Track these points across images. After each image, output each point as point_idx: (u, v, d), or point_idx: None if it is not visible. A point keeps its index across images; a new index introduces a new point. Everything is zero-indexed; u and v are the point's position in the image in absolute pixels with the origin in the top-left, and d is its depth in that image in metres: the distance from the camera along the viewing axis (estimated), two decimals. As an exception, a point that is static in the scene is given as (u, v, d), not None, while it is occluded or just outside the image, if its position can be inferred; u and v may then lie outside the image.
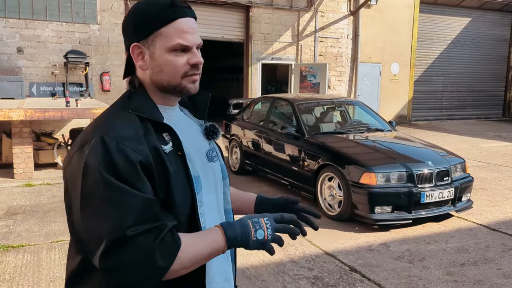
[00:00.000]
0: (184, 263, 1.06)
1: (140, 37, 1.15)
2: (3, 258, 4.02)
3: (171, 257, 1.03)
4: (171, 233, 1.05)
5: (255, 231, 1.12)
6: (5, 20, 9.54)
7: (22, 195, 6.11)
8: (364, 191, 4.84)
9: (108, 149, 1.03)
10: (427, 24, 15.65)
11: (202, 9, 11.85)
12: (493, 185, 6.97)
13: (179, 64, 1.15)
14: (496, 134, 12.98)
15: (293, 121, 6.47)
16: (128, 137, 1.07)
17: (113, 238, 0.98)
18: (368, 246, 4.48)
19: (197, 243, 1.09)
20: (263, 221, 1.14)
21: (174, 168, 1.12)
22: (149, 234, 1.01)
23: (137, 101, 1.17)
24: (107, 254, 0.99)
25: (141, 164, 1.05)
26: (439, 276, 3.81)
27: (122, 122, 1.11)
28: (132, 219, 1.00)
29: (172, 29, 1.13)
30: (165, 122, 1.16)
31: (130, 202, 1.01)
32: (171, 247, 1.03)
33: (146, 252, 1.00)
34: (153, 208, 1.04)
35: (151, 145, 1.09)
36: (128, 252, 0.99)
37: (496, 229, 4.96)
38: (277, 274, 3.80)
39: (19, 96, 8.70)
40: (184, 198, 1.13)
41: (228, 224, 1.13)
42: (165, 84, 1.17)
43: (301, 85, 12.39)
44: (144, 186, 1.04)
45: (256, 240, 1.12)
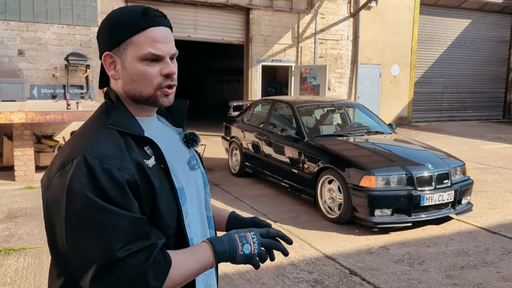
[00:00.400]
0: (175, 281, 1.05)
1: (111, 45, 1.13)
2: (4, 261, 4.04)
3: (163, 276, 1.02)
4: (161, 252, 1.04)
5: (242, 246, 1.13)
6: (6, 23, 9.57)
7: (23, 198, 6.13)
8: (364, 194, 4.85)
9: (93, 170, 1.00)
10: (427, 25, 15.67)
11: (202, 12, 11.88)
12: (493, 187, 6.98)
13: (151, 74, 1.11)
14: (496, 136, 12.99)
15: (293, 124, 6.48)
16: (112, 156, 1.03)
17: (103, 261, 0.97)
18: (368, 249, 4.49)
19: (187, 260, 1.08)
20: (250, 236, 1.15)
21: (159, 183, 1.10)
22: (140, 255, 0.99)
23: (115, 115, 1.12)
24: (98, 278, 0.97)
25: (128, 183, 1.02)
26: (438, 279, 3.82)
27: (103, 139, 1.07)
28: (121, 241, 0.98)
29: (143, 37, 1.10)
30: (145, 135, 1.13)
31: (118, 223, 0.99)
32: (163, 267, 1.02)
33: (138, 273, 0.98)
34: (142, 227, 1.02)
35: (134, 161, 1.06)
36: (120, 274, 0.98)
37: (496, 232, 4.97)
38: (277, 277, 3.81)
39: (20, 99, 8.72)
40: (170, 212, 1.12)
41: (216, 239, 1.13)
42: (137, 94, 1.13)
43: (301, 87, 12.41)
44: (132, 205, 1.02)
45: (243, 254, 1.13)
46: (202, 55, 18.61)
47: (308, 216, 5.50)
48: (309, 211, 5.67)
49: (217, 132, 8.69)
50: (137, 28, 1.10)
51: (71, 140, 1.14)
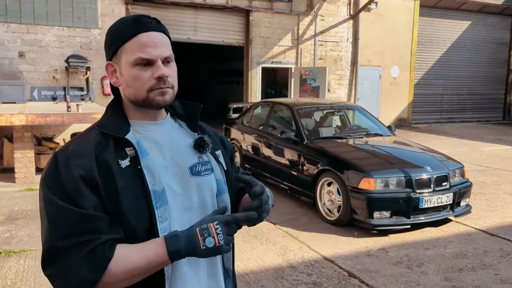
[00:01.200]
0: (117, 275, 1.05)
1: (111, 55, 1.21)
2: (4, 263, 4.06)
3: (99, 270, 1.04)
4: (103, 246, 1.05)
5: (203, 240, 1.06)
6: (6, 25, 9.60)
7: (23, 200, 6.15)
8: (363, 196, 4.87)
9: (56, 166, 1.11)
10: (427, 27, 15.70)
11: (202, 14, 11.91)
12: (492, 189, 7.00)
13: (144, 78, 1.16)
14: (496, 138, 13.00)
15: (292, 126, 6.50)
16: (77, 153, 1.12)
17: (45, 249, 1.06)
18: (367, 251, 4.51)
19: (134, 256, 1.07)
20: (213, 227, 1.07)
21: (126, 182, 1.12)
22: (78, 247, 1.04)
23: (104, 118, 1.23)
24: (43, 263, 1.07)
25: (82, 178, 1.08)
26: (437, 281, 3.84)
27: (80, 139, 1.18)
28: (63, 233, 1.05)
29: (133, 44, 1.16)
30: (129, 137, 1.16)
31: (62, 217, 1.06)
32: (100, 260, 1.04)
33: (72, 265, 1.03)
34: (87, 223, 1.06)
35: (101, 160, 1.12)
36: (58, 263, 1.04)
37: (494, 234, 4.99)
38: (276, 279, 3.83)
39: (20, 101, 8.75)
40: (137, 213, 1.11)
41: (172, 236, 1.08)
42: (133, 98, 1.19)
43: (301, 88, 12.43)
44: (84, 200, 1.07)
45: (206, 248, 1.07)
46: (202, 57, 18.65)
47: (307, 218, 5.52)
48: (308, 213, 5.69)
49: (217, 134, 8.70)
50: (127, 36, 1.17)
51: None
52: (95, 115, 6.99)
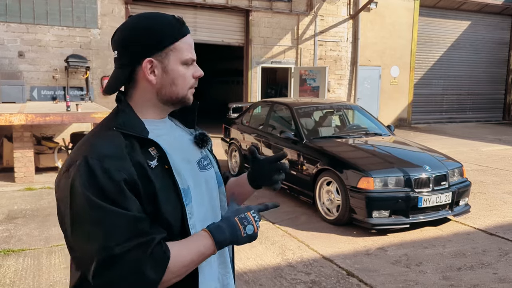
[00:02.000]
0: (174, 272, 1.08)
1: (153, 51, 1.18)
2: (3, 262, 4.06)
3: (161, 269, 1.05)
4: (160, 246, 1.07)
5: (244, 228, 1.16)
6: (6, 25, 9.61)
7: (23, 199, 6.16)
8: (362, 195, 4.87)
9: (92, 170, 1.05)
10: (427, 27, 15.70)
11: (202, 14, 11.92)
12: (491, 189, 7.00)
13: (188, 77, 1.23)
14: (496, 138, 13.00)
15: (292, 126, 6.51)
16: (111, 156, 1.08)
17: (102, 257, 1.01)
18: (365, 250, 4.51)
19: (186, 251, 1.11)
20: (250, 216, 1.18)
21: (161, 183, 1.13)
22: (137, 250, 1.03)
23: (121, 118, 1.18)
24: (98, 273, 1.02)
25: (125, 182, 1.06)
26: (435, 280, 3.84)
27: (105, 140, 1.13)
28: (118, 238, 1.02)
29: (183, 44, 1.20)
30: (150, 137, 1.17)
31: (115, 221, 1.03)
32: (161, 260, 1.05)
33: (135, 268, 1.02)
34: (139, 225, 1.06)
35: (135, 161, 1.10)
36: (117, 269, 1.02)
37: (493, 234, 4.99)
38: (274, 278, 3.83)
39: (20, 100, 8.76)
40: (173, 211, 1.15)
41: (216, 227, 1.14)
42: (174, 96, 1.22)
43: (301, 88, 12.44)
44: (129, 203, 1.06)
45: (247, 235, 1.16)
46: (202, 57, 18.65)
47: (306, 218, 5.52)
48: (308, 213, 5.69)
49: (216, 134, 8.71)
50: (179, 35, 1.21)
51: (79, 143, 1.19)
52: (95, 114, 7.00)
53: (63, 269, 3.90)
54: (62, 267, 3.95)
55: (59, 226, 1.13)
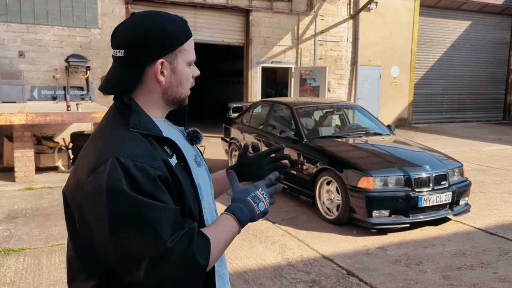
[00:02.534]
0: (215, 255, 1.15)
1: (165, 52, 1.17)
2: (4, 261, 4.07)
3: (208, 254, 1.11)
4: (200, 233, 1.13)
5: (257, 205, 1.24)
6: (6, 25, 9.61)
7: (23, 199, 6.16)
8: (362, 195, 4.87)
9: (128, 169, 1.05)
10: (427, 27, 15.70)
11: (202, 13, 11.92)
12: (491, 188, 7.00)
13: (190, 77, 1.26)
14: (496, 137, 13.00)
15: (292, 125, 6.51)
16: (142, 155, 1.09)
17: (156, 254, 1.03)
18: (365, 250, 4.51)
19: (220, 235, 1.17)
20: (260, 193, 1.26)
21: (183, 178, 1.18)
22: (184, 241, 1.07)
23: (136, 118, 1.16)
24: (153, 270, 1.03)
25: (160, 178, 1.09)
26: (435, 279, 3.84)
27: (130, 141, 1.12)
28: (168, 232, 1.05)
29: (189, 45, 1.23)
30: (166, 135, 1.20)
31: (161, 216, 1.05)
32: (205, 245, 1.11)
33: (188, 257, 1.07)
34: (180, 217, 1.11)
35: (162, 159, 1.14)
36: (172, 262, 1.05)
37: (493, 233, 4.99)
38: (274, 277, 3.83)
39: (20, 100, 8.76)
40: (195, 206, 1.20)
41: (236, 209, 1.22)
42: (178, 96, 1.24)
43: (301, 88, 12.44)
44: (167, 198, 1.10)
45: (260, 212, 1.25)
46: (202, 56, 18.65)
47: (306, 217, 5.53)
48: (308, 212, 5.69)
49: (216, 134, 8.72)
50: (188, 36, 1.23)
51: (93, 144, 1.16)
52: (95, 114, 7.00)
53: (63, 268, 3.90)
54: (62, 266, 3.95)
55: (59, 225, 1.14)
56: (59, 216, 5.34)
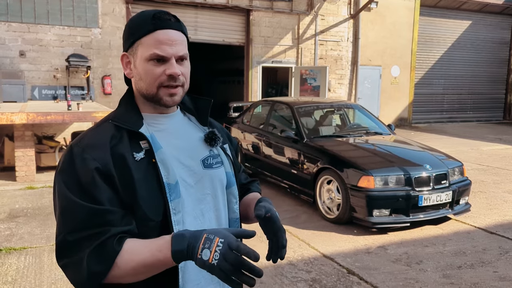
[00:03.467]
0: (124, 270, 1.06)
1: (127, 46, 1.23)
2: (5, 260, 4.08)
3: (107, 262, 1.05)
4: (112, 239, 1.06)
5: (202, 249, 1.00)
6: (7, 24, 9.62)
7: (24, 198, 6.17)
8: (362, 194, 4.88)
9: (73, 157, 1.13)
10: (428, 27, 15.70)
11: (203, 13, 11.93)
12: (492, 188, 7.01)
13: (156, 74, 1.18)
14: (496, 137, 13.00)
15: (292, 125, 6.52)
16: (92, 146, 1.14)
17: (57, 242, 1.10)
18: (366, 249, 4.52)
19: (141, 251, 1.06)
20: (217, 242, 1.00)
21: (142, 175, 1.14)
22: (88, 240, 1.06)
23: (118, 111, 1.24)
24: (56, 255, 1.11)
25: (98, 171, 1.10)
26: (435, 278, 3.85)
27: (96, 132, 1.19)
28: (74, 226, 1.07)
29: (150, 39, 1.18)
30: (143, 130, 1.18)
31: (75, 211, 1.08)
32: (108, 253, 1.05)
33: (82, 257, 1.05)
34: (98, 217, 1.07)
35: (117, 153, 1.13)
36: (69, 255, 1.07)
37: (493, 232, 5.00)
38: (275, 276, 3.84)
39: (21, 100, 8.77)
40: (153, 204, 1.13)
41: (178, 235, 1.04)
42: (144, 92, 1.21)
43: (302, 88, 12.44)
44: (99, 192, 1.09)
45: (201, 259, 1.00)
46: (202, 56, 18.66)
47: (307, 216, 5.54)
48: (308, 211, 5.70)
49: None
50: (146, 30, 1.19)
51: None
52: (96, 114, 7.01)
53: (64, 267, 3.91)
54: (63, 265, 3.96)
55: None
56: (60, 215, 5.34)
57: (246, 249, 1.01)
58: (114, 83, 10.60)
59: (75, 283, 1.09)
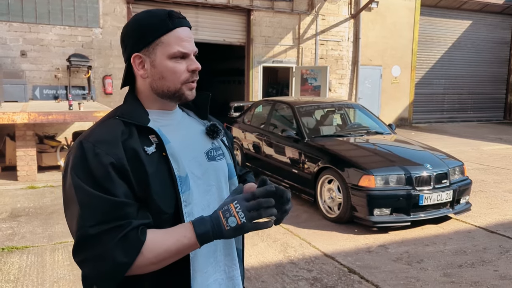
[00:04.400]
0: (149, 259, 1.09)
1: (140, 46, 1.22)
2: (7, 259, 4.09)
3: (133, 253, 1.07)
4: (135, 230, 1.08)
5: (226, 220, 1.10)
6: (8, 24, 9.64)
7: (25, 197, 6.19)
8: (363, 193, 4.89)
9: (84, 153, 1.11)
10: (428, 26, 15.71)
11: (203, 13, 11.94)
12: (492, 187, 7.02)
13: (179, 71, 1.22)
14: (497, 137, 13.01)
15: (293, 124, 6.53)
16: (104, 141, 1.13)
17: (78, 236, 1.08)
18: (367, 248, 4.53)
19: (165, 239, 1.11)
20: (233, 207, 1.11)
21: (155, 168, 1.16)
22: (111, 232, 1.06)
23: (124, 108, 1.25)
24: (75, 250, 1.09)
25: (113, 165, 1.10)
26: (436, 277, 3.87)
27: (104, 127, 1.19)
28: (95, 220, 1.06)
29: (171, 37, 1.21)
30: (150, 125, 1.20)
31: (94, 204, 1.08)
32: (133, 244, 1.07)
33: (106, 249, 1.05)
34: (117, 209, 1.09)
35: (129, 147, 1.14)
36: (90, 249, 1.06)
37: (494, 231, 5.01)
38: (276, 275, 3.86)
39: (22, 99, 8.79)
40: (166, 198, 1.16)
41: (199, 219, 1.12)
42: (165, 90, 1.23)
43: (302, 88, 12.45)
44: (115, 187, 1.10)
45: (230, 228, 1.10)
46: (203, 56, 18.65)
47: (308, 216, 5.55)
48: (309, 211, 5.71)
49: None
50: (166, 29, 1.21)
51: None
52: (97, 113, 7.03)
53: (66, 266, 3.93)
54: (65, 263, 3.98)
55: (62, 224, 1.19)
56: (62, 215, 5.36)
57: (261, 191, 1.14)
58: (115, 83, 10.61)
59: (96, 277, 1.08)
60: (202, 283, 1.24)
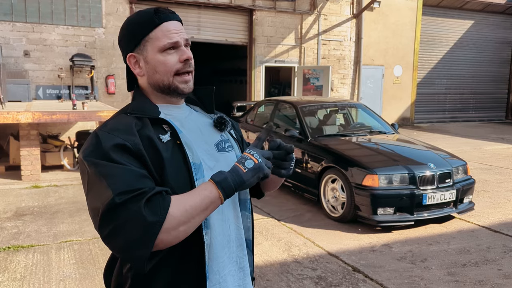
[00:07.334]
0: (178, 217, 1.09)
1: (133, 46, 1.27)
2: (14, 257, 4.12)
3: (162, 212, 1.07)
4: (160, 194, 1.10)
5: (243, 164, 1.16)
6: (12, 24, 9.67)
7: (30, 197, 6.21)
8: (366, 193, 4.91)
9: (99, 140, 1.14)
10: (430, 26, 15.71)
11: (206, 13, 11.96)
12: (495, 187, 7.03)
13: (171, 62, 1.25)
14: (499, 137, 13.01)
15: (296, 124, 6.54)
16: (118, 130, 1.16)
17: (104, 208, 1.06)
18: (370, 247, 4.55)
19: (188, 197, 1.13)
20: (248, 153, 1.18)
21: (170, 155, 1.19)
22: (137, 198, 1.07)
23: (134, 104, 1.28)
24: (102, 223, 1.08)
25: (129, 150, 1.13)
26: (440, 276, 3.88)
27: (118, 119, 1.23)
28: (119, 188, 1.07)
29: (159, 32, 1.24)
30: (162, 117, 1.24)
31: (116, 173, 1.09)
32: (160, 204, 1.08)
33: (135, 212, 1.05)
34: (141, 179, 1.10)
35: (144, 136, 1.17)
36: (118, 217, 1.06)
37: (497, 231, 5.02)
38: (281, 274, 3.87)
39: (25, 99, 8.81)
40: (181, 184, 1.19)
41: (217, 173, 1.17)
42: (160, 84, 1.26)
43: (304, 87, 12.47)
44: (131, 162, 1.12)
45: (248, 170, 1.15)
46: (205, 56, 18.71)
47: (311, 215, 5.56)
48: (313, 210, 5.73)
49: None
50: (153, 25, 1.25)
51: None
52: (101, 113, 7.05)
53: (72, 264, 3.95)
54: (71, 262, 4.00)
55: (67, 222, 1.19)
56: (66, 214, 5.39)
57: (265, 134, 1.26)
58: (117, 82, 10.64)
59: (127, 244, 1.07)
60: (219, 273, 1.26)
